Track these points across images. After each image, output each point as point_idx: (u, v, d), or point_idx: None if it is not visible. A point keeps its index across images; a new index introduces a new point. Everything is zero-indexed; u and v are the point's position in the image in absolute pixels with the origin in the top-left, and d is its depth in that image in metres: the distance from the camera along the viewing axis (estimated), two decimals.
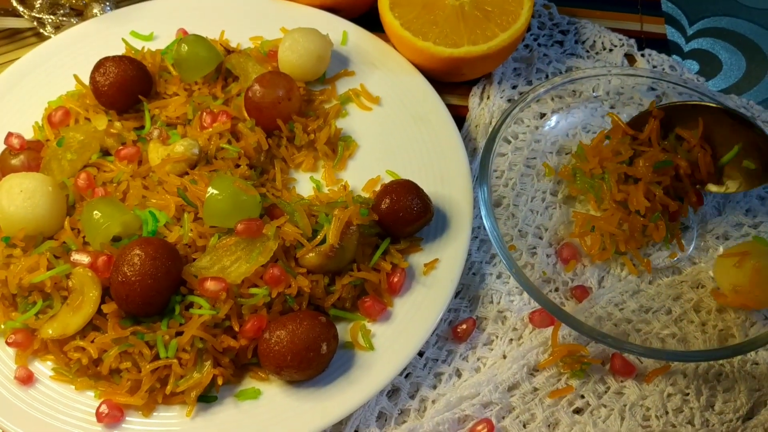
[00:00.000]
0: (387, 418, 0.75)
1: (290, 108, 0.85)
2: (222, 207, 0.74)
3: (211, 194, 0.74)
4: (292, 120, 0.85)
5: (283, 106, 0.84)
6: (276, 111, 0.84)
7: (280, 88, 0.84)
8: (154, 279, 0.70)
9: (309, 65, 0.89)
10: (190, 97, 0.89)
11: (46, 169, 0.82)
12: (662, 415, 0.75)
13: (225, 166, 0.80)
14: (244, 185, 0.75)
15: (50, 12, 0.99)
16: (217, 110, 0.86)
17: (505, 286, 0.82)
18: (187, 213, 0.77)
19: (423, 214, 0.79)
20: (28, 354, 0.74)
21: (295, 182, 0.86)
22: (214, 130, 0.83)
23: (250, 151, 0.82)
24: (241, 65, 0.90)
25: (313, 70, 0.89)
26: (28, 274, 0.74)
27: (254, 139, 0.82)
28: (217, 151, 0.82)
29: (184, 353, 0.71)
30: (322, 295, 0.76)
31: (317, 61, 0.89)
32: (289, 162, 0.86)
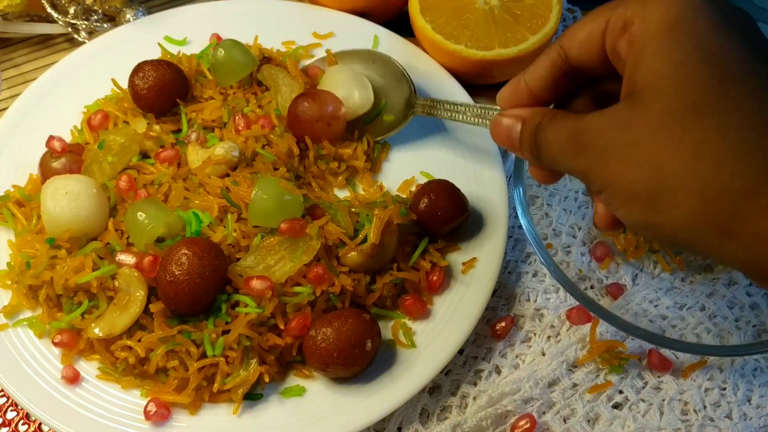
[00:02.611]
0: (429, 415, 0.76)
1: (330, 132, 0.85)
2: (267, 207, 0.75)
3: (256, 194, 0.75)
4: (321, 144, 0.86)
5: (321, 126, 0.84)
6: (313, 128, 0.84)
7: (327, 106, 0.84)
8: (201, 278, 0.71)
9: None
10: (225, 101, 0.90)
11: (87, 171, 0.83)
12: (700, 410, 0.76)
13: (265, 168, 0.81)
14: (288, 185, 0.76)
15: (84, 18, 1.00)
16: (253, 116, 0.87)
17: (542, 284, 0.83)
18: (230, 214, 0.78)
19: (460, 213, 0.80)
20: (74, 354, 0.75)
21: (330, 186, 0.87)
22: (252, 133, 0.84)
23: (282, 156, 0.83)
24: (272, 77, 0.91)
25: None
26: (74, 275, 0.75)
27: (285, 145, 0.83)
28: (254, 155, 0.83)
29: (230, 351, 0.72)
30: (364, 293, 0.77)
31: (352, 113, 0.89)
32: (323, 178, 0.87)
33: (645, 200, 0.51)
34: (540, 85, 0.62)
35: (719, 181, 0.48)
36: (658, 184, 0.50)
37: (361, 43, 0.98)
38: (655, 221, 0.51)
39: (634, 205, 0.52)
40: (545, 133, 0.59)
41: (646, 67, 0.51)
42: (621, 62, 0.55)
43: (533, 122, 0.60)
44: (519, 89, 0.64)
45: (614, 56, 0.56)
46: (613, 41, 0.55)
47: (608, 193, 0.53)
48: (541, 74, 0.62)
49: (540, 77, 0.62)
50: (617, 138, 0.52)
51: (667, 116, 0.50)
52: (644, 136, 0.51)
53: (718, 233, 0.49)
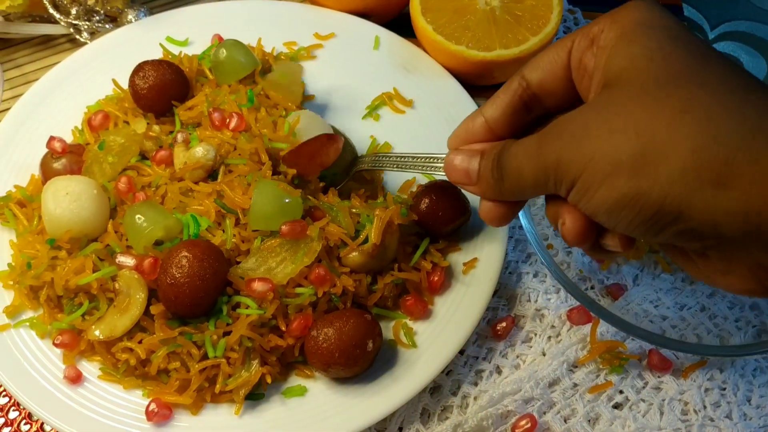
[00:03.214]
0: (430, 415, 0.76)
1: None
2: (267, 210, 0.74)
3: (255, 198, 0.75)
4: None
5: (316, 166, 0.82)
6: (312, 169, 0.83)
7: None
8: (202, 280, 0.71)
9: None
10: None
11: (87, 172, 0.83)
12: (700, 410, 0.76)
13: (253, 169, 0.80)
14: (287, 187, 0.76)
15: (86, 18, 1.00)
16: (228, 110, 0.84)
17: (542, 285, 0.84)
18: (228, 219, 0.77)
19: (461, 213, 0.81)
20: (75, 354, 0.75)
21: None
22: (222, 137, 0.82)
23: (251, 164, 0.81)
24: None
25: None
26: (75, 276, 0.75)
27: (252, 149, 0.81)
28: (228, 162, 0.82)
29: (232, 352, 0.72)
30: (365, 293, 0.77)
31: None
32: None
33: (630, 166, 0.48)
34: (499, 118, 0.62)
35: (710, 130, 0.47)
36: (645, 143, 0.48)
37: (362, 44, 0.98)
38: (641, 188, 0.48)
39: (617, 177, 0.49)
40: (511, 150, 0.57)
41: (621, 55, 0.52)
42: (587, 75, 0.56)
43: (493, 151, 0.60)
44: (474, 127, 0.63)
45: (579, 72, 0.56)
46: (580, 55, 0.56)
47: (586, 175, 0.51)
48: (501, 105, 0.61)
49: (500, 108, 0.61)
50: (595, 116, 0.51)
51: (650, 86, 0.49)
52: (625, 106, 0.50)
53: (712, 184, 0.46)
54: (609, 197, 0.50)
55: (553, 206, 0.58)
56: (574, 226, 0.56)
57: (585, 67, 0.56)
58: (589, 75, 0.56)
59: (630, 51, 0.51)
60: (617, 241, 0.56)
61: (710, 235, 0.48)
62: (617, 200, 0.49)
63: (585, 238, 0.57)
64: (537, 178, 0.55)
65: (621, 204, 0.49)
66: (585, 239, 0.57)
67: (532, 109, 0.61)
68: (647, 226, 0.50)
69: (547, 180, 0.54)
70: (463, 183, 0.63)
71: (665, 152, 0.47)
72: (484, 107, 0.63)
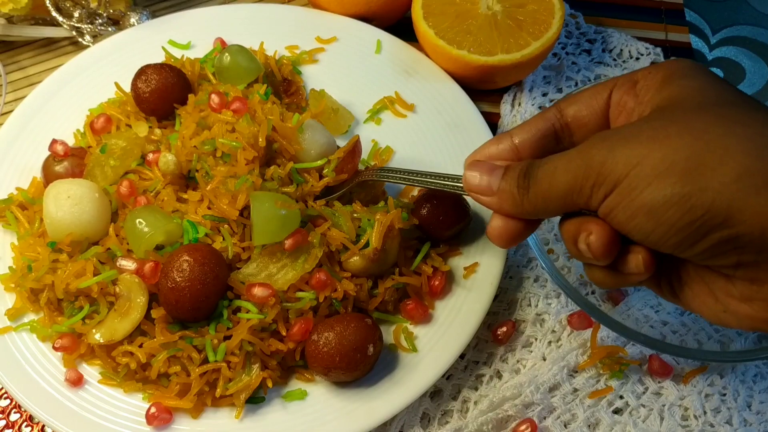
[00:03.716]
0: (430, 419, 0.77)
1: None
2: (268, 226, 0.73)
3: (255, 216, 0.73)
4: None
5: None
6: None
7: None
8: (203, 284, 0.71)
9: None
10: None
11: (89, 175, 0.83)
12: (700, 415, 0.76)
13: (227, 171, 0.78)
14: (285, 203, 0.74)
15: (88, 21, 1.00)
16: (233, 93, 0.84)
17: (543, 290, 0.84)
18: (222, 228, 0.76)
19: (462, 218, 0.81)
20: (75, 357, 0.76)
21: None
22: (220, 118, 0.80)
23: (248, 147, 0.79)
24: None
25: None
26: (75, 280, 0.75)
27: (251, 133, 0.78)
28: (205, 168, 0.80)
29: (232, 357, 0.72)
30: (366, 298, 0.77)
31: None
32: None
33: (683, 167, 0.49)
34: (528, 142, 0.62)
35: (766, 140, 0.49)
36: (702, 146, 0.49)
37: (364, 48, 0.98)
38: (693, 188, 0.49)
39: (668, 176, 0.49)
40: (544, 159, 0.57)
41: (673, 86, 0.55)
42: (624, 112, 0.59)
43: (521, 162, 0.60)
44: (499, 148, 0.63)
45: (617, 109, 0.60)
46: (621, 94, 0.59)
47: (634, 173, 0.51)
48: (533, 130, 0.62)
49: (531, 133, 0.62)
50: (648, 125, 0.52)
51: (705, 104, 0.52)
52: (682, 116, 0.52)
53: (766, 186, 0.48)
54: (657, 196, 0.50)
55: (573, 222, 0.57)
56: (601, 237, 0.55)
57: (624, 105, 0.59)
58: (627, 112, 0.59)
59: (682, 83, 0.55)
60: (640, 260, 0.55)
61: (754, 245, 0.49)
62: (667, 199, 0.49)
63: (611, 251, 0.56)
64: (572, 184, 0.54)
65: (670, 203, 0.49)
66: (611, 252, 0.56)
67: (561, 139, 0.62)
68: (691, 230, 0.50)
69: (584, 184, 0.54)
70: (481, 193, 0.62)
71: (721, 156, 0.49)
72: (514, 131, 0.63)
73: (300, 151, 0.80)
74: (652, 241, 0.53)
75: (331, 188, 0.82)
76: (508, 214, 0.61)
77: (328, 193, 0.82)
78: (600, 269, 0.58)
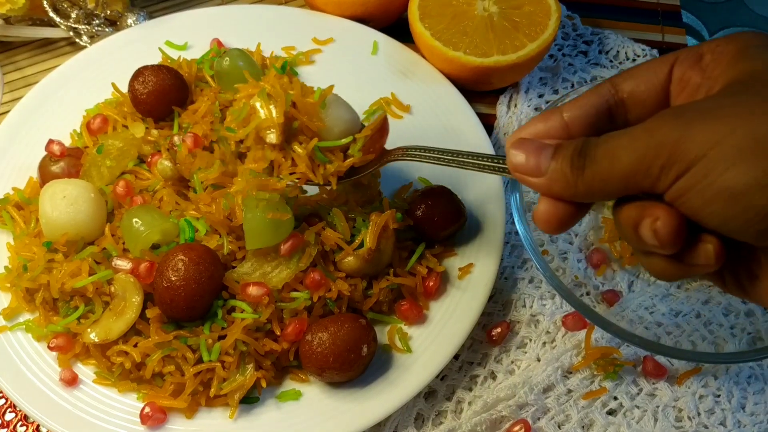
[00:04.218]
0: (424, 420, 0.77)
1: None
2: (262, 236, 0.73)
3: (247, 222, 0.73)
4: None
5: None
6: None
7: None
8: (198, 284, 0.71)
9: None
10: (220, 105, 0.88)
11: (86, 175, 0.84)
12: (694, 416, 0.76)
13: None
14: (278, 213, 0.73)
15: (86, 22, 1.01)
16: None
17: (538, 291, 0.84)
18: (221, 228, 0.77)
19: (457, 218, 0.81)
20: (70, 357, 0.76)
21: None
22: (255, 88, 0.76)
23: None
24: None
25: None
26: (71, 279, 0.75)
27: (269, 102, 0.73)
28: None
29: (227, 356, 0.72)
30: (361, 298, 0.78)
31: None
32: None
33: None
34: (580, 119, 0.57)
35: None
36: None
37: (360, 49, 0.98)
38: None
39: (755, 157, 0.45)
40: (604, 137, 0.52)
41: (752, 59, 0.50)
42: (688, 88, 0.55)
43: (575, 142, 0.55)
44: (547, 125, 0.58)
45: (680, 85, 0.55)
46: (684, 70, 0.55)
47: (713, 154, 0.46)
48: (586, 107, 0.57)
49: (584, 109, 0.57)
50: (729, 99, 0.48)
51: None
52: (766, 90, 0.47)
53: None
54: (741, 179, 0.45)
55: (634, 207, 0.52)
56: (670, 223, 0.49)
57: (687, 80, 0.54)
58: (691, 88, 0.54)
59: (760, 56, 0.50)
60: (710, 250, 0.50)
61: None
62: (754, 182, 0.45)
63: (679, 239, 0.50)
64: (638, 164, 0.49)
65: (757, 186, 0.45)
66: (679, 240, 0.50)
67: (615, 117, 0.57)
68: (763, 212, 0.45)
69: (652, 164, 0.49)
70: (529, 174, 0.56)
71: None
72: (564, 107, 0.58)
73: (322, 128, 0.74)
74: (731, 228, 0.48)
75: (356, 169, 0.76)
76: (559, 196, 0.55)
77: (351, 174, 0.77)
78: (662, 259, 0.53)
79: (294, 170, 0.73)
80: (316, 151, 0.73)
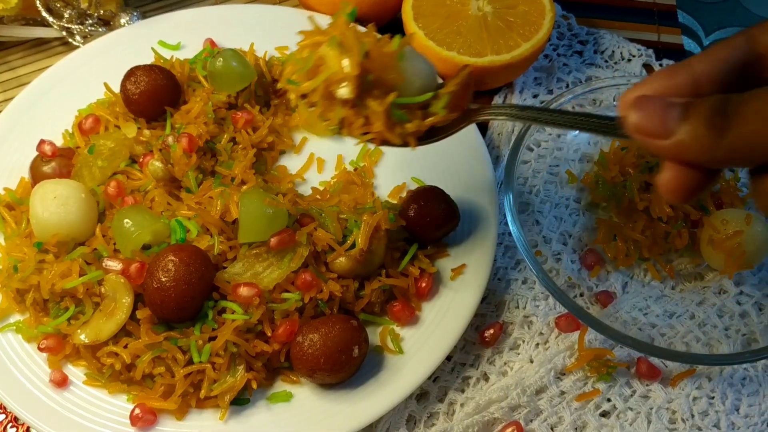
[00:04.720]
0: (416, 421, 0.76)
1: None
2: (254, 224, 0.74)
3: (243, 213, 0.74)
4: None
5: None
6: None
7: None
8: (188, 284, 0.71)
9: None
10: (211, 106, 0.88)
11: (77, 176, 0.83)
12: (688, 418, 0.76)
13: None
14: (273, 200, 0.75)
15: (79, 22, 1.00)
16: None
17: (531, 292, 0.83)
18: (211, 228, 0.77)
19: (450, 219, 0.81)
20: (60, 358, 0.75)
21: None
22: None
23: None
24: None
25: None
26: (61, 280, 0.75)
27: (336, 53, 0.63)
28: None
29: (217, 358, 0.72)
30: (352, 299, 0.77)
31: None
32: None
33: None
34: (712, 76, 0.51)
35: None
36: None
37: None
38: None
39: None
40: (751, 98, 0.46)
41: None
42: None
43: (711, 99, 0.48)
44: (671, 82, 0.52)
45: None
46: None
47: None
48: (718, 61, 0.51)
49: (715, 64, 0.51)
50: None
51: None
52: None
53: None
54: None
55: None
56: None
57: None
58: None
59: None
60: None
61: None
62: None
63: None
64: None
65: None
66: None
67: (750, 74, 0.51)
68: None
69: None
70: (652, 135, 0.49)
71: None
72: (692, 61, 0.52)
73: (400, 82, 0.65)
74: None
75: (436, 130, 0.68)
76: (691, 161, 0.49)
77: (431, 136, 0.68)
78: None
79: (368, 129, 0.65)
80: (393, 108, 0.64)
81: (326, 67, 0.63)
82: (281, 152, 0.92)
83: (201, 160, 0.83)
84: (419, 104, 0.65)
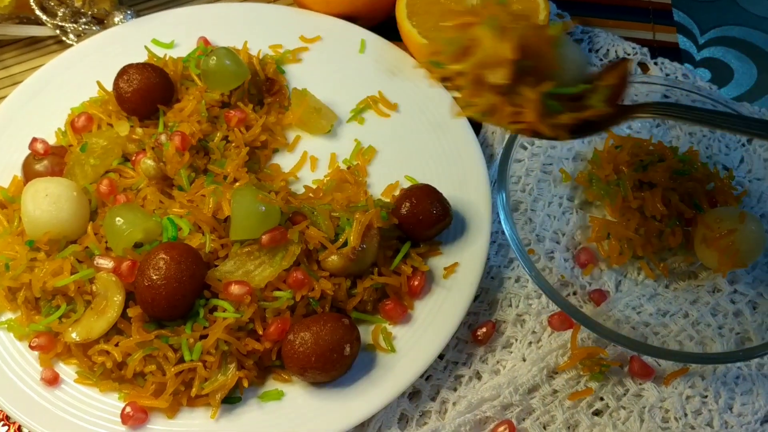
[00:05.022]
0: (408, 420, 0.76)
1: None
2: (246, 221, 0.74)
3: (235, 210, 0.74)
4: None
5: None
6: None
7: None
8: (179, 283, 0.71)
9: None
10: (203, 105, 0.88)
11: (69, 174, 0.83)
12: (681, 417, 0.76)
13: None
14: (266, 197, 0.76)
15: (72, 20, 1.00)
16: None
17: (524, 290, 0.83)
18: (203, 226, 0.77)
19: (442, 217, 0.80)
20: (51, 357, 0.75)
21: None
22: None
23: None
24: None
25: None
26: (52, 278, 0.75)
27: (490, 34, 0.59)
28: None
29: (208, 356, 0.72)
30: (344, 297, 0.77)
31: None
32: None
33: None
34: None
35: None
36: None
37: (348, 47, 0.98)
38: None
39: None
40: None
41: None
42: None
43: None
44: None
45: None
46: None
47: None
48: None
49: None
50: None
51: None
52: None
53: None
54: None
55: None
56: None
57: None
58: None
59: None
60: None
61: None
62: None
63: None
64: None
65: None
66: None
67: None
68: None
69: None
70: None
71: None
72: None
73: (555, 71, 0.60)
74: None
75: (588, 124, 0.63)
76: None
77: (583, 130, 0.64)
78: None
79: (518, 119, 0.60)
80: (546, 98, 0.60)
81: (480, 49, 0.58)
82: (274, 151, 0.91)
83: (194, 159, 0.83)
84: (572, 95, 0.61)
